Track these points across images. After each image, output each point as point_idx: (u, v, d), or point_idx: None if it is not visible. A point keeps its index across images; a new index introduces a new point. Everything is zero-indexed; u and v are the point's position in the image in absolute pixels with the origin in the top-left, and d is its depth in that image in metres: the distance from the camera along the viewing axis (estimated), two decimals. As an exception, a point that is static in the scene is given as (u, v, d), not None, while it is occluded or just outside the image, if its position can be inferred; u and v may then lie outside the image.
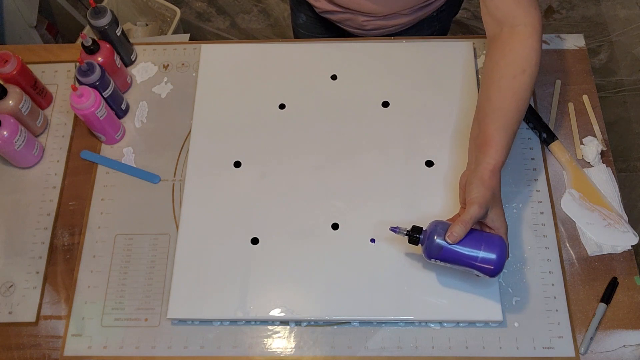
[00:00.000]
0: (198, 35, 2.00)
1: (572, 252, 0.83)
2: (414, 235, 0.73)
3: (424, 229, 0.73)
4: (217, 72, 0.96)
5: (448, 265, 0.72)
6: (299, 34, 1.20)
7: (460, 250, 0.70)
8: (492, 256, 0.69)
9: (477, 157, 0.75)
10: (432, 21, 1.07)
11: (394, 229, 0.74)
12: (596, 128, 0.91)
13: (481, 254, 0.69)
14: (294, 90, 0.94)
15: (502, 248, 0.70)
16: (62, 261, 0.85)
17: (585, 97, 0.94)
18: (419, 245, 0.73)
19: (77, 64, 0.86)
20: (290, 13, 1.22)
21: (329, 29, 1.14)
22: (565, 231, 0.84)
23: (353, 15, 1.01)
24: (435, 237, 0.70)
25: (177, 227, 0.85)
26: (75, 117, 0.96)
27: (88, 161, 0.92)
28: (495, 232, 0.72)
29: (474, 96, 0.92)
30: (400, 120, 0.91)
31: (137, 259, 0.84)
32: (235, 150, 0.90)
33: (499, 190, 0.73)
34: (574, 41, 0.99)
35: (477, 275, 0.72)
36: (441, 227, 0.71)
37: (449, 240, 0.69)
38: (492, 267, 0.69)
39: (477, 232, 0.72)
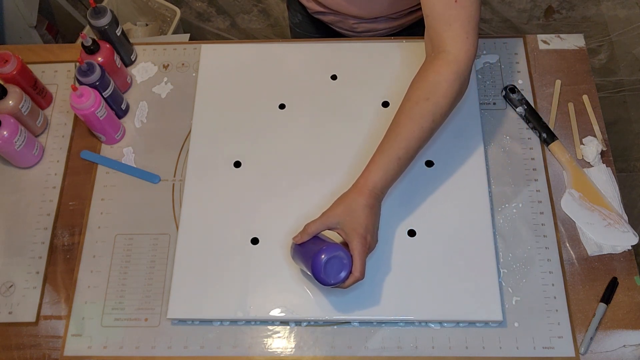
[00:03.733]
0: (198, 35, 2.00)
1: (572, 252, 0.83)
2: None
3: None
4: (217, 72, 0.96)
5: (301, 267, 0.76)
6: (296, 33, 1.20)
7: (302, 251, 0.74)
8: (319, 258, 0.70)
9: (361, 176, 0.75)
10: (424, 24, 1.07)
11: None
12: (596, 128, 0.91)
13: (312, 255, 0.71)
14: (294, 90, 0.94)
15: (327, 253, 0.70)
16: (62, 261, 0.85)
17: (585, 97, 0.94)
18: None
19: (77, 64, 0.86)
20: (287, 12, 1.22)
21: (324, 29, 1.14)
22: (565, 231, 0.84)
23: (343, 17, 1.01)
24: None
25: (177, 227, 0.85)
26: (75, 117, 0.96)
27: (88, 161, 0.92)
28: (350, 246, 0.72)
29: (473, 96, 0.92)
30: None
31: (137, 259, 0.84)
32: (235, 150, 0.90)
33: (361, 208, 0.71)
34: (574, 41, 0.99)
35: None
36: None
37: (293, 240, 0.75)
38: (315, 270, 0.70)
39: (325, 241, 0.73)
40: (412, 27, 1.06)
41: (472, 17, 0.72)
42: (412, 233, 0.82)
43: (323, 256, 0.70)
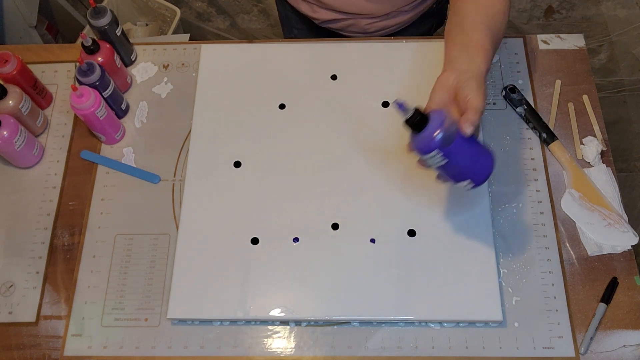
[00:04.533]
0: (198, 35, 2.00)
1: (572, 252, 0.83)
2: (416, 118, 0.62)
3: (430, 115, 0.63)
4: (217, 72, 0.96)
5: (442, 163, 0.64)
6: None
7: (464, 147, 0.63)
8: (489, 163, 0.67)
9: (471, 60, 0.71)
10: (430, 15, 1.07)
11: (399, 104, 0.62)
12: (596, 128, 0.91)
13: (482, 158, 0.66)
14: (294, 90, 0.94)
15: (493, 156, 0.68)
16: (62, 261, 0.85)
17: (585, 97, 0.94)
18: (416, 133, 0.63)
19: (77, 64, 0.86)
20: (281, 27, 1.21)
21: (308, 25, 1.13)
22: (565, 231, 0.84)
23: (355, 20, 1.01)
24: (450, 126, 0.61)
25: (177, 227, 0.85)
26: (75, 117, 0.96)
27: (88, 161, 0.92)
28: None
29: (474, 96, 0.92)
30: (400, 120, 0.90)
31: (137, 259, 0.84)
32: (235, 150, 0.90)
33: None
34: (574, 41, 0.99)
35: (462, 186, 0.67)
36: (449, 117, 0.62)
37: (467, 130, 0.62)
38: (487, 173, 0.67)
39: (472, 138, 0.67)
40: (417, 23, 1.06)
41: None
42: (412, 233, 0.82)
43: (492, 161, 0.66)
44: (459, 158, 0.63)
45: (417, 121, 0.62)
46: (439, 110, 0.64)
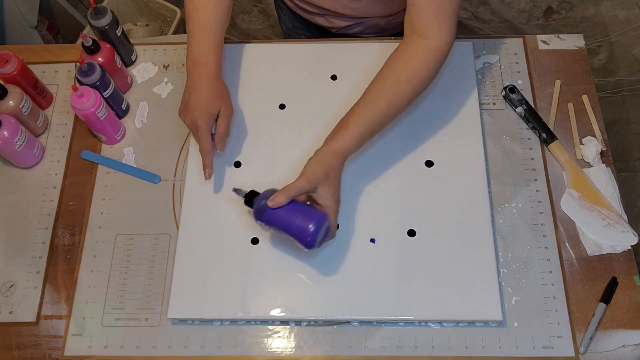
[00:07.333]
0: (198, 35, 1.99)
1: (571, 252, 0.83)
2: (249, 197, 0.77)
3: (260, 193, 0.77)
4: (218, 73, 0.96)
5: (272, 229, 0.76)
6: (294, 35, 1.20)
7: (280, 215, 0.74)
8: (308, 227, 0.72)
9: (328, 137, 0.77)
10: None
11: (236, 190, 0.79)
12: (595, 128, 0.91)
13: (297, 222, 0.72)
14: (294, 90, 0.94)
15: (320, 222, 0.72)
16: (62, 261, 0.85)
17: (584, 97, 0.94)
18: (252, 207, 0.77)
19: (78, 64, 0.86)
20: (279, 22, 1.21)
21: (319, 33, 1.13)
22: (565, 231, 0.84)
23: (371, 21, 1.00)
24: (262, 200, 0.75)
25: (177, 227, 0.85)
26: (76, 117, 0.96)
27: (88, 161, 0.92)
28: (324, 209, 0.74)
29: (473, 96, 0.92)
30: (400, 120, 0.91)
31: (137, 259, 0.84)
32: (235, 150, 0.90)
33: (336, 172, 0.75)
34: (573, 41, 0.99)
35: (298, 246, 0.74)
36: (271, 193, 0.75)
37: (269, 204, 0.73)
38: (307, 238, 0.72)
39: (303, 205, 0.75)
40: None
41: (455, 10, 0.77)
42: (412, 233, 0.82)
43: (313, 226, 0.72)
44: (276, 223, 0.74)
45: (247, 201, 0.78)
46: (271, 189, 0.76)
